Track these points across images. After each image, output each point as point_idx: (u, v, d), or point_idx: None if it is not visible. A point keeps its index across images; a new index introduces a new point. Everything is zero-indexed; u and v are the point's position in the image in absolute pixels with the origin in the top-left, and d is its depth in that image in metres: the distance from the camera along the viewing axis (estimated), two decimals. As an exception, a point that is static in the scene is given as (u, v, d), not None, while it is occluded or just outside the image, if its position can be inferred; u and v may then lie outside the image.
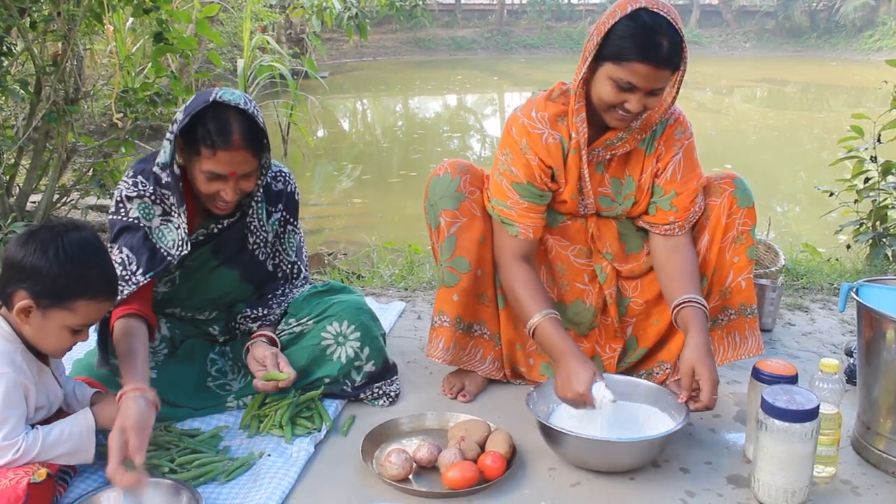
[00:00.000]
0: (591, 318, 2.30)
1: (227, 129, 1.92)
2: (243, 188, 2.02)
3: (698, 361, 1.91)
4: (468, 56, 25.99)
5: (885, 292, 2.00)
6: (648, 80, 1.89)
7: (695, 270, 2.13)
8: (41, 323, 1.67)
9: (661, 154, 2.14)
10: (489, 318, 2.29)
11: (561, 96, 2.11)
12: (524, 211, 2.13)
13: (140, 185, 2.04)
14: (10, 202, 3.88)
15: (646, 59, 1.86)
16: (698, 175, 2.17)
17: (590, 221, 2.23)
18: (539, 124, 2.11)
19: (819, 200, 4.53)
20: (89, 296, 1.68)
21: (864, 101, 14.70)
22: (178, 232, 2.04)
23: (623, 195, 2.18)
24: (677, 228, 2.15)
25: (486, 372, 2.32)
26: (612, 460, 1.90)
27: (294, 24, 13.76)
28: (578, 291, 2.28)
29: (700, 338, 1.95)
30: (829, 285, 3.39)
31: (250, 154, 1.97)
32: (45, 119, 3.80)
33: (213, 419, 2.14)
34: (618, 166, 2.16)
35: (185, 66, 6.22)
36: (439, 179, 2.22)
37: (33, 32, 3.70)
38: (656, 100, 1.96)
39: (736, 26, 30.32)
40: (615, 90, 1.92)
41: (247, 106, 1.96)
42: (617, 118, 1.99)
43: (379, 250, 4.36)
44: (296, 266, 2.36)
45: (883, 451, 1.93)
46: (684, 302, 2.02)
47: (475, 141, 11.81)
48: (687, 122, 2.17)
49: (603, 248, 2.24)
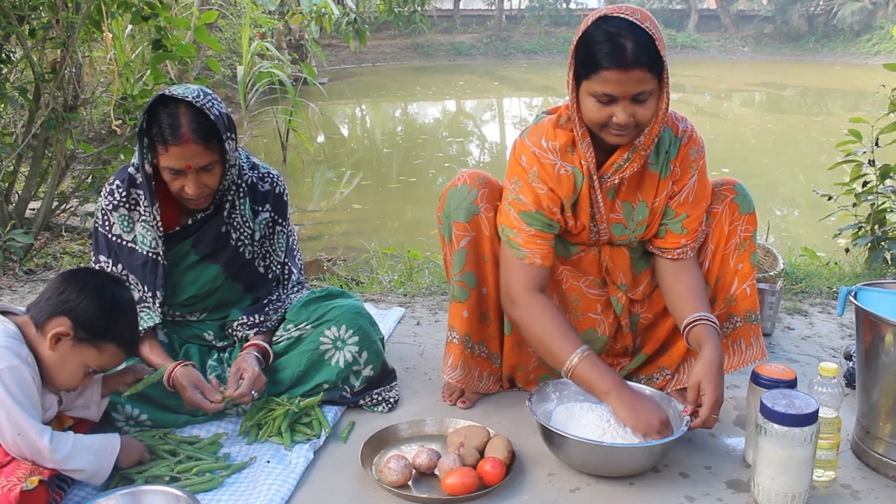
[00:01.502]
0: (603, 346, 2.28)
1: (175, 124, 1.97)
2: (206, 182, 2.06)
3: (705, 378, 1.89)
4: (467, 61, 26.05)
5: (884, 296, 2.00)
6: (623, 86, 1.81)
7: (703, 287, 2.10)
8: (67, 353, 1.77)
9: (676, 176, 2.07)
10: (489, 339, 2.26)
11: (568, 122, 2.02)
12: (531, 238, 2.05)
13: (116, 193, 2.13)
14: (9, 209, 3.89)
15: (612, 64, 1.79)
16: (708, 195, 2.13)
17: (603, 252, 2.19)
18: (551, 155, 2.04)
19: (818, 204, 4.53)
20: (119, 342, 1.82)
21: (863, 105, 14.73)
22: (154, 230, 2.12)
23: (636, 221, 2.11)
24: (689, 251, 2.11)
25: (484, 388, 2.31)
26: (613, 465, 1.90)
27: (293, 31, 13.80)
28: (591, 321, 2.25)
29: (713, 355, 1.91)
30: (828, 289, 3.39)
31: (201, 146, 2.00)
32: (44, 126, 3.80)
33: (213, 426, 2.13)
34: (629, 191, 2.08)
35: (184, 73, 6.21)
36: (456, 190, 2.16)
37: (32, 40, 3.71)
38: (645, 107, 1.86)
39: (734, 31, 30.37)
40: (598, 106, 1.86)
41: (198, 99, 1.99)
42: (614, 134, 1.90)
43: (378, 256, 4.36)
44: (286, 267, 2.37)
45: (882, 455, 1.92)
46: (696, 320, 1.99)
47: (475, 146, 11.82)
48: (700, 138, 2.10)
49: (617, 280, 2.20)
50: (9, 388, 1.65)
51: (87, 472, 1.76)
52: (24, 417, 1.65)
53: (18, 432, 1.65)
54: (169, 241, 2.18)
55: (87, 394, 1.92)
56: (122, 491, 1.74)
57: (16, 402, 1.65)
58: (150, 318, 2.14)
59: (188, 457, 1.95)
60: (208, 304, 2.28)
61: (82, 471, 1.75)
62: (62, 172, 4.09)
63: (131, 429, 2.04)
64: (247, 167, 2.23)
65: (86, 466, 1.75)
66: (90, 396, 1.93)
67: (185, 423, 2.12)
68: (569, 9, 30.09)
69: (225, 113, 2.06)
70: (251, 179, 2.25)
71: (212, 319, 2.31)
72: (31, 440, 1.66)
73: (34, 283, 3.56)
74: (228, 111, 2.13)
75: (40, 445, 1.66)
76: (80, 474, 1.76)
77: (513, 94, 18.78)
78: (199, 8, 6.86)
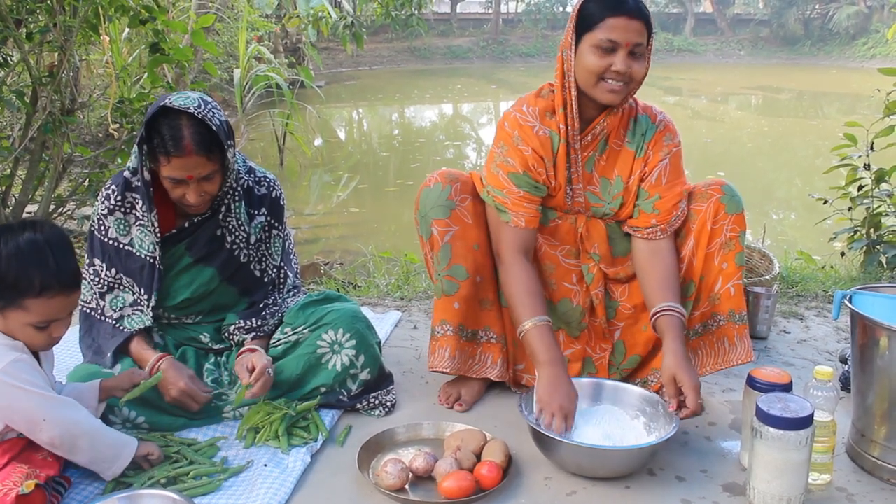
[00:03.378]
0: (580, 318, 2.32)
1: (178, 136, 1.97)
2: (207, 190, 2.07)
3: (678, 369, 1.96)
4: (464, 65, 26.08)
5: (879, 300, 2.01)
6: (627, 33, 1.97)
7: (674, 277, 2.16)
8: (4, 323, 1.73)
9: (649, 157, 2.19)
10: (494, 322, 2.30)
11: (549, 94, 2.19)
12: (519, 200, 2.16)
13: (111, 198, 2.14)
14: (5, 213, 3.88)
15: (617, 12, 1.97)
16: (682, 182, 2.22)
17: (579, 221, 2.26)
18: (530, 118, 2.17)
19: (813, 208, 4.55)
20: (34, 294, 1.70)
21: (858, 109, 14.77)
22: (151, 234, 2.13)
23: (612, 195, 2.22)
24: (659, 231, 2.18)
25: (498, 375, 2.32)
26: (603, 467, 1.91)
27: (290, 34, 13.81)
28: (566, 291, 2.31)
29: (676, 345, 2.00)
30: (824, 293, 3.40)
31: (204, 157, 2.01)
32: (42, 129, 3.80)
33: (210, 430, 2.14)
34: (607, 166, 2.21)
35: (181, 77, 6.22)
36: (430, 190, 2.23)
37: (29, 43, 3.70)
38: (640, 63, 2.02)
39: (730, 34, 30.46)
40: (599, 55, 2.00)
41: (199, 109, 1.99)
42: (608, 89, 2.03)
43: (375, 260, 4.37)
44: (282, 271, 2.37)
45: (878, 459, 1.93)
46: (662, 310, 2.07)
47: (472, 150, 11.84)
48: (676, 130, 2.24)
49: (591, 249, 2.27)
50: (21, 380, 1.69)
51: (96, 463, 1.80)
52: (46, 395, 1.70)
53: (44, 417, 1.68)
54: (164, 244, 2.18)
55: (85, 399, 1.91)
56: (120, 495, 1.74)
57: (33, 388, 1.70)
58: (141, 320, 2.15)
59: (185, 459, 1.95)
60: (203, 308, 2.28)
61: (94, 459, 1.79)
62: (59, 176, 4.09)
63: (128, 431, 2.04)
64: (243, 171, 2.24)
65: (99, 454, 1.79)
66: (87, 401, 1.92)
67: (182, 427, 2.12)
68: (565, 12, 30.14)
69: (225, 121, 2.07)
70: (247, 183, 2.25)
71: (207, 322, 2.31)
72: (58, 415, 1.71)
73: (31, 287, 3.55)
74: (226, 116, 2.14)
75: (68, 413, 1.72)
76: (89, 461, 1.79)
77: (510, 97, 18.79)
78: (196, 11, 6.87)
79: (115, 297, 2.18)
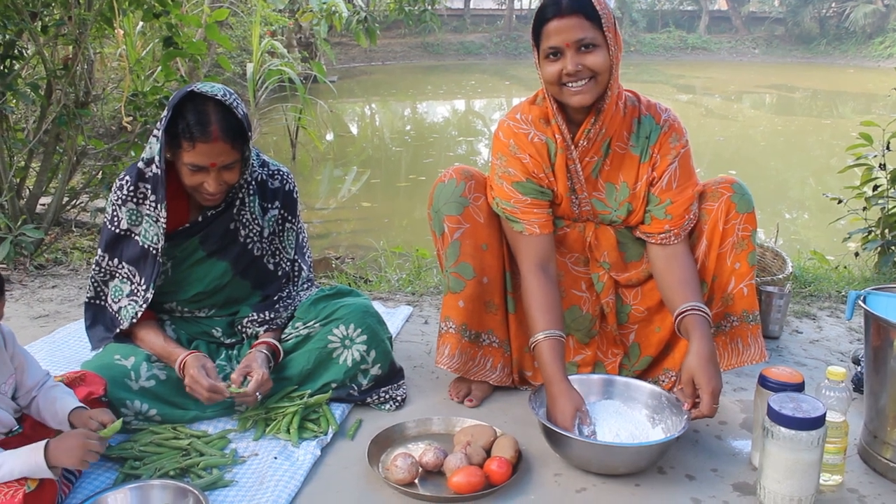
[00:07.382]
0: (590, 326, 2.30)
1: (205, 121, 1.97)
2: (226, 179, 2.07)
3: (697, 370, 1.93)
4: (477, 61, 26.03)
5: (894, 300, 1.99)
6: (564, 33, 1.94)
7: (694, 277, 2.13)
8: None
9: (656, 162, 2.14)
10: (497, 326, 2.29)
11: (544, 100, 2.15)
12: (528, 207, 2.14)
13: (124, 188, 2.13)
14: (20, 204, 3.91)
15: (550, 15, 1.96)
16: (693, 183, 2.17)
17: (588, 229, 2.24)
18: (524, 125, 2.16)
19: (828, 207, 4.52)
20: None
21: (874, 108, 14.66)
22: (157, 225, 2.11)
23: (618, 201, 2.18)
24: (673, 237, 2.15)
25: (497, 380, 2.31)
26: (612, 464, 1.91)
27: (303, 29, 13.81)
28: (575, 298, 2.30)
29: (701, 345, 1.96)
30: (837, 293, 3.38)
31: (229, 145, 2.01)
32: (56, 122, 3.83)
33: (221, 422, 2.15)
34: (611, 171, 2.16)
35: (195, 70, 6.24)
36: (444, 185, 2.23)
37: (44, 36, 3.73)
38: (594, 54, 1.95)
39: (745, 32, 30.28)
40: (550, 63, 1.99)
41: (225, 97, 2.00)
42: (572, 92, 1.99)
43: (386, 255, 4.37)
44: (296, 264, 2.38)
45: (890, 461, 1.92)
46: (687, 310, 2.03)
47: (485, 146, 11.82)
48: (682, 128, 2.17)
49: (600, 258, 2.25)
50: None
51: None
52: None
53: None
54: (178, 238, 2.18)
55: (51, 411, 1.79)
56: (131, 485, 1.75)
57: None
58: (134, 312, 2.14)
59: (196, 451, 1.96)
60: (217, 301, 2.29)
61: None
62: (73, 168, 4.12)
63: (140, 424, 2.05)
64: (256, 164, 2.24)
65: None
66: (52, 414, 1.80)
67: (192, 419, 2.13)
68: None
69: (245, 113, 2.07)
70: (261, 176, 2.26)
71: (220, 316, 2.32)
72: None
73: (44, 278, 3.58)
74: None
75: None
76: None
77: (523, 93, 18.73)
78: (210, 6, 6.88)
79: (115, 287, 2.20)
